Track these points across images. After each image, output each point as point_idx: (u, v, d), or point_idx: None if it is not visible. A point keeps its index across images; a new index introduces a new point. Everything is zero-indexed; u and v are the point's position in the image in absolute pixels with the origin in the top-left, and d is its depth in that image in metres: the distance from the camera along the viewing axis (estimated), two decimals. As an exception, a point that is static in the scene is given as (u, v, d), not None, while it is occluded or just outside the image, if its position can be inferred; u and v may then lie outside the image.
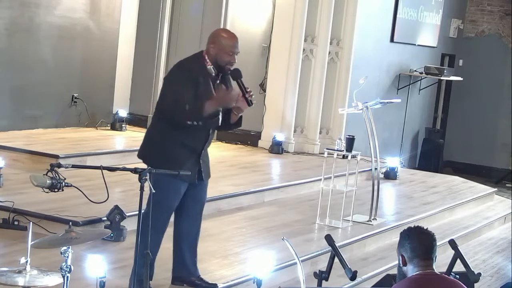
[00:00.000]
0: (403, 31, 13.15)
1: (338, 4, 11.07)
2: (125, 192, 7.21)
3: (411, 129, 14.25)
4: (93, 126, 10.29)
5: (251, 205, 8.06)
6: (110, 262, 5.28)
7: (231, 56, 5.11)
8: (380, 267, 6.78)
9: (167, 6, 11.27)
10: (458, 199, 9.81)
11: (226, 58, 5.11)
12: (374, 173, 7.81)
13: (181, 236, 5.35)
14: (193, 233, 5.40)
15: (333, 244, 4.19)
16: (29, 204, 6.44)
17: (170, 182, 5.05)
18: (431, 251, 3.65)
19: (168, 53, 11.38)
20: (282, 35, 10.74)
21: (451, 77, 14.17)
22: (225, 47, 5.11)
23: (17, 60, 9.34)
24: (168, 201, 5.17)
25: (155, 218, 5.14)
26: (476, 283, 4.43)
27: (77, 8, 10.05)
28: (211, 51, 5.13)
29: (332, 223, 7.55)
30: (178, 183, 5.13)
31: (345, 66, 11.34)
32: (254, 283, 3.94)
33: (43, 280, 3.71)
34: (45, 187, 4.01)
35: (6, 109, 9.19)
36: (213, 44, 5.14)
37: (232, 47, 5.12)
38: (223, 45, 5.12)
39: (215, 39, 5.17)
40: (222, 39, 5.15)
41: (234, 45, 5.13)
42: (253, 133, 10.91)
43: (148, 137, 5.30)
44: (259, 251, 6.37)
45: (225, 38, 5.17)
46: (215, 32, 5.32)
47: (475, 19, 15.48)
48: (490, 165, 15.10)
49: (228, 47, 5.11)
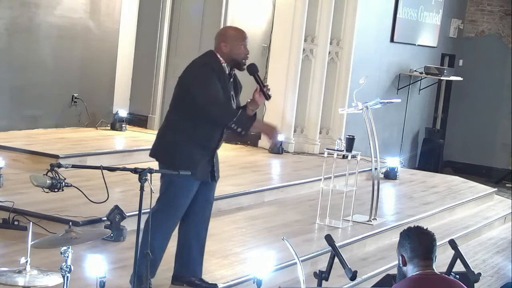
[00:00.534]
0: (403, 31, 13.16)
1: (338, 4, 11.07)
2: (125, 192, 7.21)
3: (411, 129, 14.25)
4: (93, 126, 10.28)
5: (251, 205, 8.06)
6: (110, 262, 5.28)
7: (245, 48, 5.18)
8: (380, 267, 6.78)
9: (167, 6, 11.28)
10: (458, 199, 9.81)
11: (241, 51, 5.16)
12: (374, 173, 7.81)
13: (191, 235, 5.34)
14: (202, 233, 5.42)
15: (333, 244, 4.19)
16: (29, 204, 6.44)
17: (185, 182, 5.08)
18: (431, 251, 3.65)
19: (168, 53, 11.38)
20: (282, 35, 10.74)
21: (451, 77, 14.18)
22: (238, 41, 5.16)
23: (17, 60, 9.34)
24: (183, 200, 5.19)
25: (168, 217, 5.17)
26: (476, 283, 4.43)
27: (77, 8, 10.05)
28: (223, 49, 5.15)
29: (332, 223, 7.56)
30: (192, 182, 5.16)
31: (345, 66, 11.34)
32: (254, 283, 3.94)
33: (43, 280, 3.71)
34: (45, 187, 4.01)
35: (6, 109, 9.19)
36: (224, 42, 5.16)
37: (244, 39, 5.19)
38: (235, 39, 5.17)
39: (225, 36, 5.20)
40: (232, 34, 5.21)
41: (245, 37, 5.21)
42: (253, 133, 10.90)
43: (162, 136, 5.27)
44: (259, 251, 6.37)
45: (235, 33, 5.23)
46: (223, 30, 5.38)
47: (475, 19, 15.48)
48: (490, 165, 15.10)
49: (241, 41, 5.17)
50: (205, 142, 5.18)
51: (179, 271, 5.41)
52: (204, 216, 5.40)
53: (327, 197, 7.55)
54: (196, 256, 5.39)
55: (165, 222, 5.18)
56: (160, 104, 11.31)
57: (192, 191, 5.21)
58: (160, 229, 5.13)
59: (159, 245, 5.18)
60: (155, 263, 5.15)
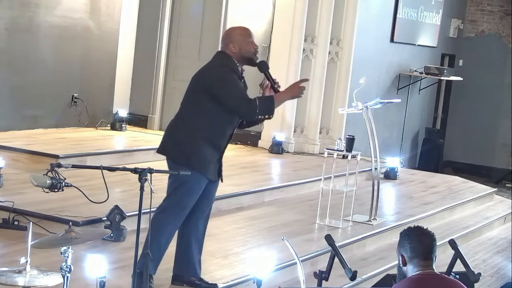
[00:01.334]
0: (403, 31, 13.15)
1: (338, 4, 11.07)
2: (125, 192, 7.21)
3: (411, 129, 14.25)
4: (93, 126, 10.28)
5: (251, 205, 8.06)
6: (110, 262, 5.26)
7: (253, 44, 5.27)
8: (380, 267, 6.78)
9: (167, 6, 11.27)
10: (458, 199, 9.81)
11: (251, 47, 5.25)
12: (374, 173, 7.81)
13: (191, 234, 5.35)
14: (202, 232, 5.43)
15: (333, 244, 4.19)
16: (29, 204, 6.44)
17: (197, 181, 5.11)
18: (431, 251, 3.65)
19: (168, 53, 11.38)
20: (282, 35, 10.74)
21: (451, 77, 14.17)
22: (245, 38, 5.25)
23: (17, 60, 9.34)
24: (191, 199, 5.21)
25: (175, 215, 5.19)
26: (476, 283, 4.43)
27: (77, 8, 10.05)
28: (233, 50, 5.21)
29: (332, 223, 7.55)
30: (203, 182, 5.19)
31: (345, 66, 11.34)
32: (254, 283, 3.94)
33: (43, 280, 3.71)
34: (45, 187, 4.00)
35: (6, 109, 9.19)
36: (232, 43, 5.21)
37: (250, 35, 5.28)
38: (242, 37, 5.24)
39: (232, 37, 5.25)
40: (238, 33, 5.28)
41: (251, 34, 5.31)
42: (253, 133, 10.91)
43: (175, 134, 5.25)
44: (259, 251, 6.37)
45: (241, 31, 5.31)
46: (228, 31, 5.41)
47: (475, 19, 15.48)
48: (490, 165, 15.10)
49: (247, 37, 5.26)
50: (218, 141, 5.23)
51: (179, 271, 5.41)
52: (204, 215, 5.41)
53: (327, 197, 7.55)
54: (195, 256, 5.40)
55: (172, 220, 5.20)
56: (160, 104, 11.32)
57: (201, 190, 5.24)
58: (167, 227, 5.16)
59: (165, 243, 5.21)
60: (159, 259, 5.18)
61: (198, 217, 5.35)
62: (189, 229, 5.35)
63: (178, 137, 5.23)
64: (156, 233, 5.11)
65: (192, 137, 5.16)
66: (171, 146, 5.26)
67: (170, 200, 5.23)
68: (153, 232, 5.11)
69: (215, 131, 5.19)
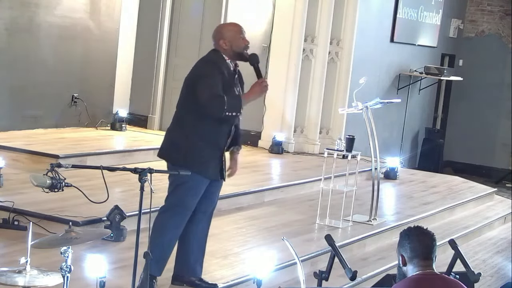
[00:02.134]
0: (403, 31, 13.15)
1: (338, 4, 11.07)
2: (125, 192, 7.21)
3: (411, 129, 14.25)
4: (93, 126, 10.28)
5: (251, 205, 8.06)
6: (110, 262, 5.26)
7: (244, 39, 5.23)
8: (380, 267, 6.78)
9: (167, 6, 11.27)
10: (458, 199, 9.81)
11: (241, 42, 5.21)
12: (374, 173, 7.81)
13: (192, 234, 5.35)
14: (204, 232, 5.43)
15: (333, 244, 4.19)
16: (29, 204, 6.44)
17: (196, 181, 5.11)
18: (431, 251, 3.64)
19: (168, 53, 11.38)
20: (282, 35, 10.74)
21: (451, 77, 14.17)
22: (235, 34, 5.22)
23: (17, 60, 9.34)
24: (192, 199, 5.21)
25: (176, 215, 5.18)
26: (476, 283, 4.42)
27: (77, 8, 10.05)
28: (224, 46, 5.19)
29: (332, 223, 7.55)
30: (203, 181, 5.19)
31: (345, 66, 11.34)
32: (254, 283, 3.94)
33: (43, 280, 3.71)
34: (45, 187, 4.01)
35: (6, 109, 9.19)
36: (222, 39, 5.20)
37: (240, 31, 5.25)
38: (233, 33, 5.22)
39: (222, 34, 5.24)
40: (229, 30, 5.27)
41: (241, 29, 5.27)
42: (253, 133, 10.91)
43: (172, 137, 5.27)
44: (259, 251, 6.38)
45: (231, 27, 5.31)
46: (218, 28, 5.38)
47: (475, 19, 15.48)
48: (490, 165, 15.10)
49: (238, 33, 5.23)
50: (215, 139, 5.19)
51: (179, 271, 5.41)
52: (206, 216, 5.41)
53: (327, 197, 7.54)
54: (196, 256, 5.39)
55: (174, 221, 5.19)
56: (160, 104, 11.32)
57: (202, 189, 5.23)
58: (168, 227, 5.16)
59: (168, 243, 5.20)
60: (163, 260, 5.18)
61: (199, 218, 5.35)
62: (189, 229, 5.34)
63: (175, 139, 5.24)
64: (157, 233, 5.12)
65: (188, 137, 5.15)
66: (168, 149, 5.26)
67: (170, 200, 5.23)
68: (155, 232, 5.12)
69: (210, 129, 5.16)
